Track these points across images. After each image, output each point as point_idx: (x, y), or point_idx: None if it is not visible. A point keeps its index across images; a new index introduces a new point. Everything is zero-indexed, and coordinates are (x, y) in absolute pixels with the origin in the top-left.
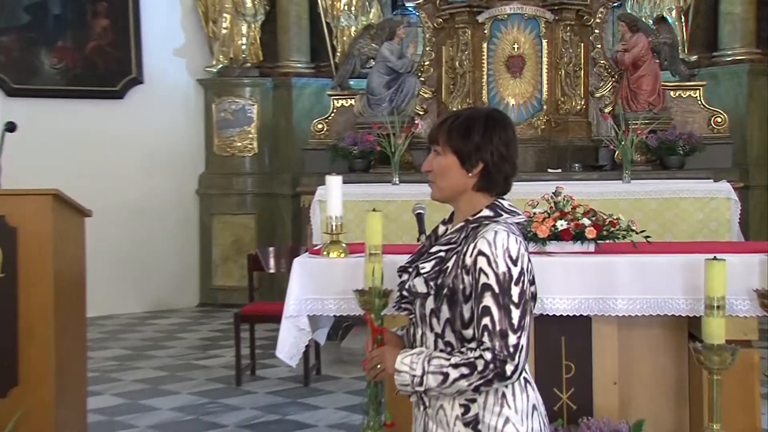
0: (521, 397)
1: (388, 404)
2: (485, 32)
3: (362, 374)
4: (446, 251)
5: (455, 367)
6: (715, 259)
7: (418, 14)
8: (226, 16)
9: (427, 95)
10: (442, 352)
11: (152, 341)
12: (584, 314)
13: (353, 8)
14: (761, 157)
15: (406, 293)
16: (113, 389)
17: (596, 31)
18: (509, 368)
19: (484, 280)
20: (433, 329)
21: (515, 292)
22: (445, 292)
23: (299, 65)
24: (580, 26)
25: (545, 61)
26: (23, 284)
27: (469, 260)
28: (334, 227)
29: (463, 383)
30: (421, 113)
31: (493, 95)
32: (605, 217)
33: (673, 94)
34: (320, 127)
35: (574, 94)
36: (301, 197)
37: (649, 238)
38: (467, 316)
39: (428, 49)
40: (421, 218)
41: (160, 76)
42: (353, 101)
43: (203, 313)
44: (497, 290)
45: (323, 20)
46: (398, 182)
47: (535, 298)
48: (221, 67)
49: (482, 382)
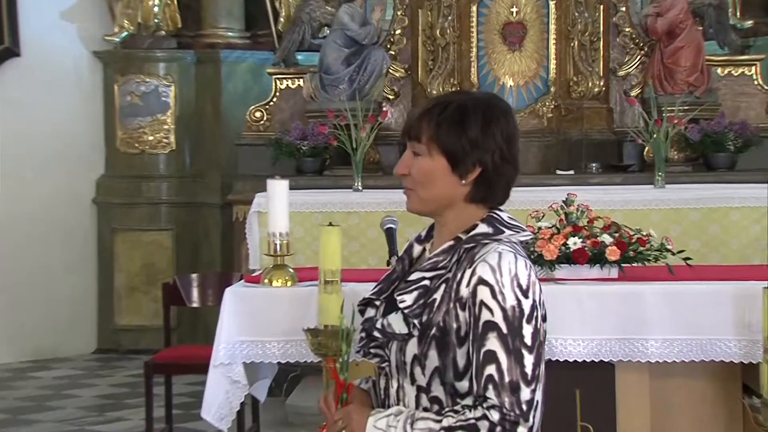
0: None
1: None
2: None
3: None
4: (432, 279)
5: (449, 431)
6: None
7: None
8: None
9: (398, 74)
10: (427, 411)
11: (34, 401)
12: (605, 360)
13: None
14: None
15: (377, 334)
16: None
17: None
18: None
19: (487, 316)
20: (414, 381)
21: (527, 331)
22: (432, 332)
23: (230, 34)
24: None
25: (552, 29)
26: None
27: (465, 291)
28: (277, 247)
29: None
30: (390, 98)
31: (484, 74)
32: (631, 232)
33: (720, 71)
34: (258, 115)
35: (590, 72)
36: (233, 208)
37: (689, 260)
38: (462, 363)
39: (400, 13)
40: (391, 235)
41: (42, 46)
42: (302, 82)
43: (102, 362)
44: (505, 330)
45: None
46: (361, 188)
47: (544, 339)
48: (126, 35)
49: None
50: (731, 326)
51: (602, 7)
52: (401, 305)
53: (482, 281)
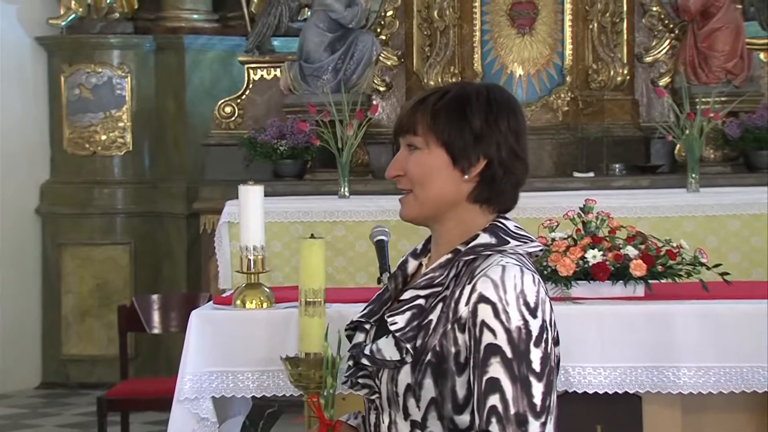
0: None
1: None
2: None
3: None
4: (427, 297)
5: None
6: None
7: None
8: None
9: (390, 62)
10: None
11: None
12: (631, 392)
13: None
14: None
15: (365, 362)
16: None
17: None
18: None
19: (489, 339)
20: (408, 415)
21: (536, 356)
22: (428, 358)
23: (196, 17)
24: None
25: (568, 9)
26: None
27: (464, 310)
28: (251, 263)
29: None
30: (381, 89)
31: (490, 62)
32: (660, 244)
33: (763, 56)
34: (229, 110)
35: (612, 58)
36: (200, 218)
37: (727, 275)
38: (462, 394)
39: None
40: (383, 248)
41: None
42: (278, 72)
43: (48, 398)
44: (510, 354)
45: None
46: (348, 194)
47: (558, 366)
48: (73, 18)
49: None
50: None
51: None
52: (392, 327)
53: (483, 299)
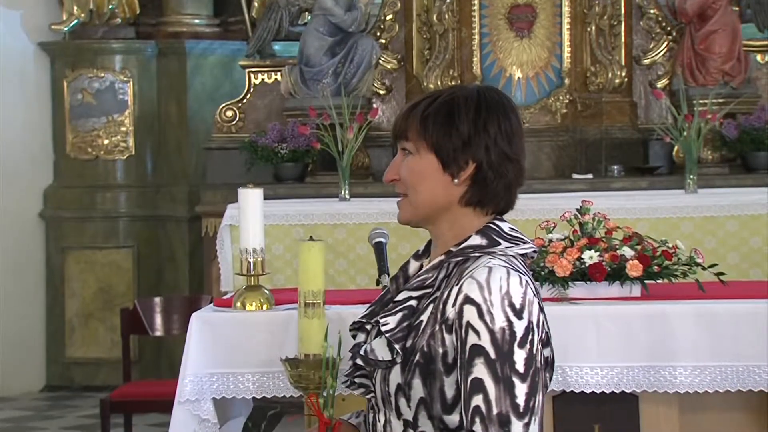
0: None
1: None
2: None
3: None
4: (418, 298)
5: None
6: None
7: None
8: None
9: (390, 66)
10: None
11: None
12: (628, 391)
13: None
14: None
15: (359, 361)
16: None
17: None
18: None
19: (473, 340)
20: (401, 415)
21: (519, 357)
22: (417, 359)
23: (197, 21)
24: None
25: (566, 12)
26: None
27: (451, 311)
28: (251, 265)
29: None
30: (381, 93)
31: (488, 65)
32: (655, 245)
33: (760, 58)
34: (230, 114)
35: (610, 61)
36: (202, 221)
37: (723, 276)
38: (451, 394)
39: None
40: (381, 250)
41: None
42: (279, 76)
43: (52, 400)
44: (493, 355)
45: None
46: (348, 197)
47: (551, 366)
48: (76, 23)
49: None
50: None
51: None
52: (383, 328)
53: (468, 300)
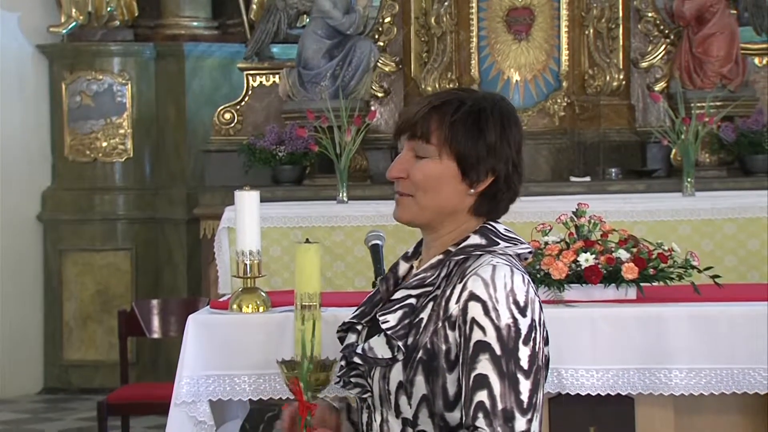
0: None
1: None
2: None
3: None
4: (418, 297)
5: None
6: None
7: None
8: None
9: (388, 68)
10: None
11: None
12: (623, 393)
13: None
14: None
15: (357, 360)
16: None
17: None
18: None
19: (478, 336)
20: (400, 413)
21: (524, 354)
22: (419, 356)
23: (195, 24)
24: None
25: (564, 14)
26: None
27: (454, 308)
28: (248, 267)
29: None
30: (379, 95)
31: (486, 68)
32: (651, 247)
33: (758, 61)
34: (228, 117)
35: (608, 64)
36: (200, 223)
37: (718, 278)
38: (453, 391)
39: None
40: (377, 252)
41: None
42: (277, 78)
43: (50, 403)
44: (498, 351)
45: None
46: (346, 199)
47: (547, 366)
48: (74, 26)
49: None
50: (767, 354)
51: None
52: (384, 326)
53: (474, 297)
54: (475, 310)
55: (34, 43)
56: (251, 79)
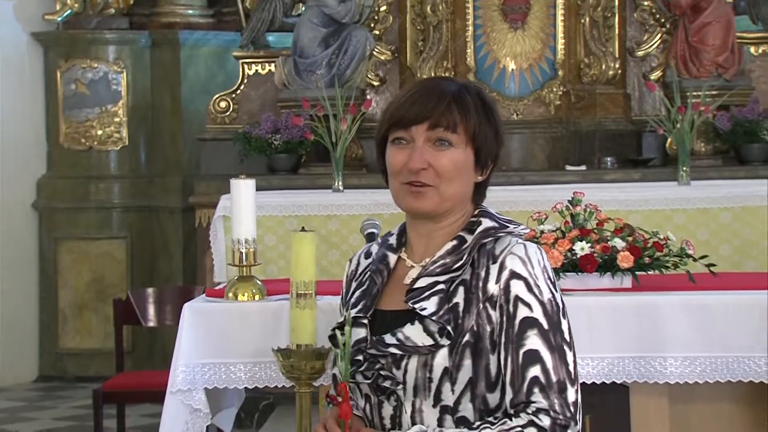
0: None
1: None
2: None
3: None
4: (445, 282)
5: None
6: None
7: None
8: None
9: (384, 57)
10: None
11: None
12: (619, 382)
13: None
14: None
15: (394, 350)
16: None
17: None
18: None
19: (525, 313)
20: (440, 401)
21: (565, 327)
22: (465, 339)
23: (191, 12)
24: None
25: (560, 3)
26: None
27: (494, 288)
28: (243, 256)
29: None
30: (375, 84)
31: (482, 56)
32: (646, 236)
33: (754, 50)
34: (224, 105)
35: (604, 53)
36: (195, 212)
37: (713, 267)
38: (494, 371)
39: None
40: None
41: None
42: (273, 67)
43: (45, 391)
44: (546, 326)
45: None
46: (342, 188)
47: None
48: (69, 14)
49: None
50: (762, 342)
51: None
52: (424, 312)
53: (515, 275)
54: (518, 287)
55: (29, 30)
56: (247, 67)
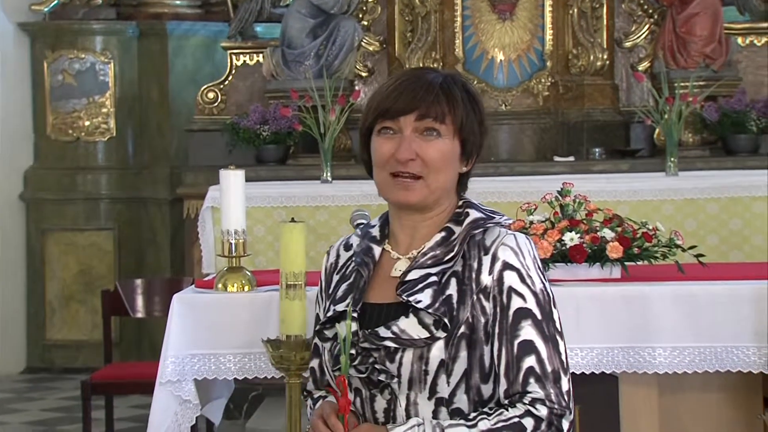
0: None
1: None
2: None
3: None
4: (437, 274)
5: None
6: None
7: None
8: None
9: (372, 48)
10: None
11: None
12: (608, 372)
13: None
14: None
15: (389, 344)
16: None
17: None
18: (566, 425)
19: (518, 303)
20: (435, 393)
21: (556, 316)
22: (461, 331)
23: (178, 2)
24: None
25: None
26: None
27: (488, 279)
28: (233, 247)
29: None
30: (363, 75)
31: (471, 47)
32: (635, 226)
33: (741, 41)
34: (211, 96)
35: (592, 44)
36: (183, 203)
37: (702, 257)
38: (488, 362)
39: None
40: None
41: None
42: (261, 57)
43: (33, 382)
44: (539, 316)
45: None
46: (330, 179)
47: None
48: (56, 4)
49: None
50: (750, 332)
51: None
52: (419, 305)
53: (508, 265)
54: (511, 278)
55: (15, 21)
56: (235, 58)
